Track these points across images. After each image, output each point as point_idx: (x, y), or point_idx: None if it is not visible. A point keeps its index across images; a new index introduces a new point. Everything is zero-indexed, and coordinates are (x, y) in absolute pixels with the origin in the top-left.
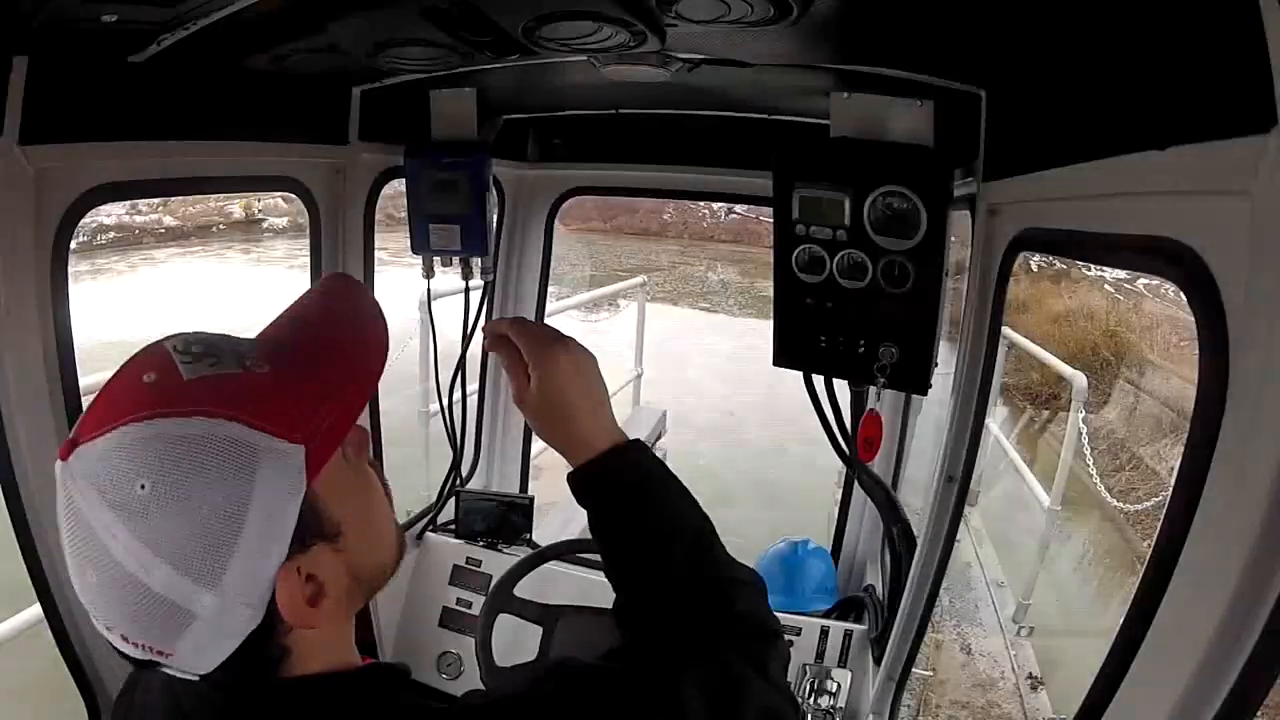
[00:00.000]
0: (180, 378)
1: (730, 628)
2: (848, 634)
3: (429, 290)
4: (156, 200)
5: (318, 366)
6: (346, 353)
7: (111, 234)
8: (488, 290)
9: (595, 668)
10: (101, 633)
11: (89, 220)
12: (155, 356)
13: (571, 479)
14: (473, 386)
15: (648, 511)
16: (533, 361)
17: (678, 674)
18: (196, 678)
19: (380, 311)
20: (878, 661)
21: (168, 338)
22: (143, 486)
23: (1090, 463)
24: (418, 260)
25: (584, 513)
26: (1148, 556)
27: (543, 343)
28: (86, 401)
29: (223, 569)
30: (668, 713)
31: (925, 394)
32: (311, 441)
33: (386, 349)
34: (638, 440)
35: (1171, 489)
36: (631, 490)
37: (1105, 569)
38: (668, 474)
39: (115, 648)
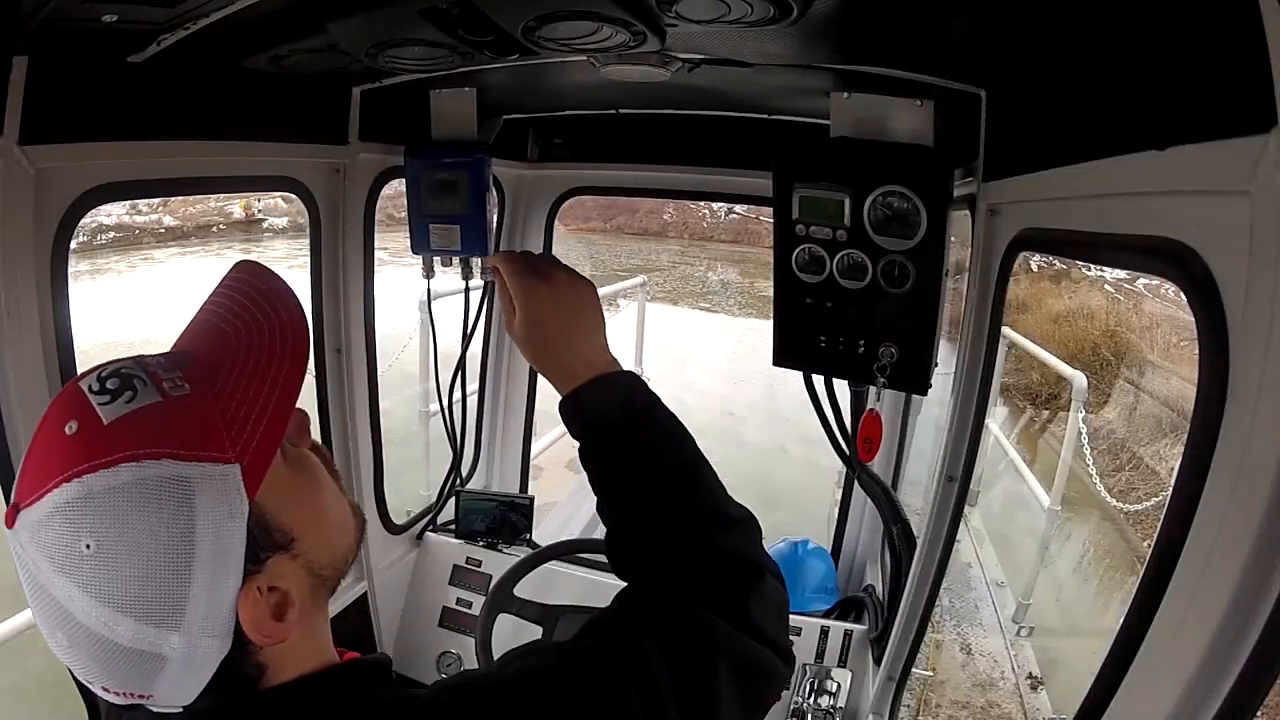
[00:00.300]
0: (100, 422)
1: (709, 565)
2: (848, 634)
3: (429, 290)
4: (156, 200)
5: (237, 369)
6: (264, 344)
7: (111, 234)
8: (488, 290)
9: (561, 645)
10: (85, 683)
11: (89, 220)
12: (73, 401)
13: (560, 409)
14: (473, 386)
15: (628, 441)
16: (514, 294)
17: (641, 640)
18: (180, 710)
19: (290, 290)
20: (878, 661)
21: (82, 376)
22: (87, 547)
23: (1090, 463)
24: (418, 260)
25: (584, 512)
26: (1148, 556)
27: (523, 275)
28: None
29: (182, 609)
30: (635, 682)
31: (925, 394)
32: (246, 454)
33: (305, 328)
34: (626, 372)
35: (1171, 489)
36: (611, 420)
37: (1105, 569)
38: (654, 404)
39: (100, 696)
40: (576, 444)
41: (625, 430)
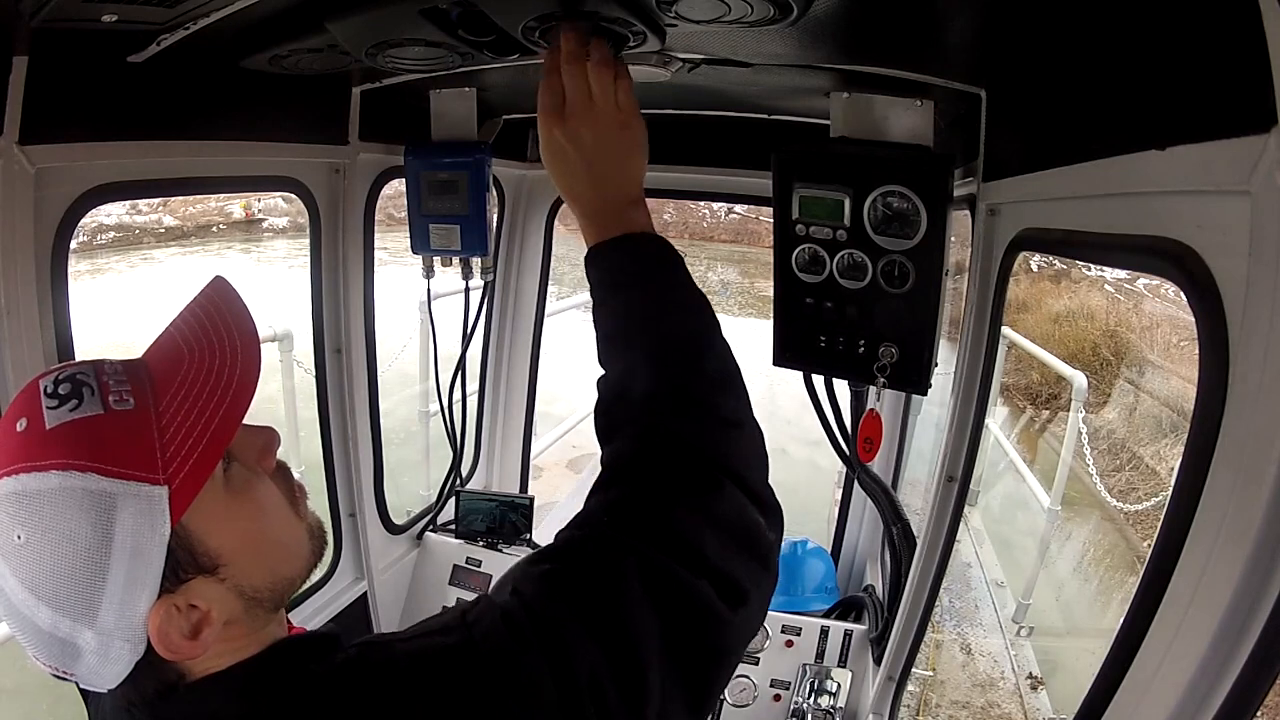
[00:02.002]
0: (43, 426)
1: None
2: (848, 634)
3: (429, 290)
4: (156, 200)
5: (184, 392)
6: (215, 371)
7: (111, 234)
8: (488, 290)
9: (467, 618)
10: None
11: (89, 220)
12: (29, 399)
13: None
14: (473, 386)
15: (615, 308)
16: (538, 114)
17: (560, 615)
18: (105, 691)
19: (250, 319)
20: (878, 661)
21: (45, 374)
22: (19, 537)
23: (1090, 463)
24: (418, 260)
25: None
26: (1148, 556)
27: (541, 110)
28: None
29: (95, 610)
30: (549, 666)
31: (925, 394)
32: (176, 478)
33: (257, 361)
34: (638, 239)
35: (1171, 489)
36: (607, 291)
37: (1105, 569)
38: (646, 277)
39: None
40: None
41: (610, 300)
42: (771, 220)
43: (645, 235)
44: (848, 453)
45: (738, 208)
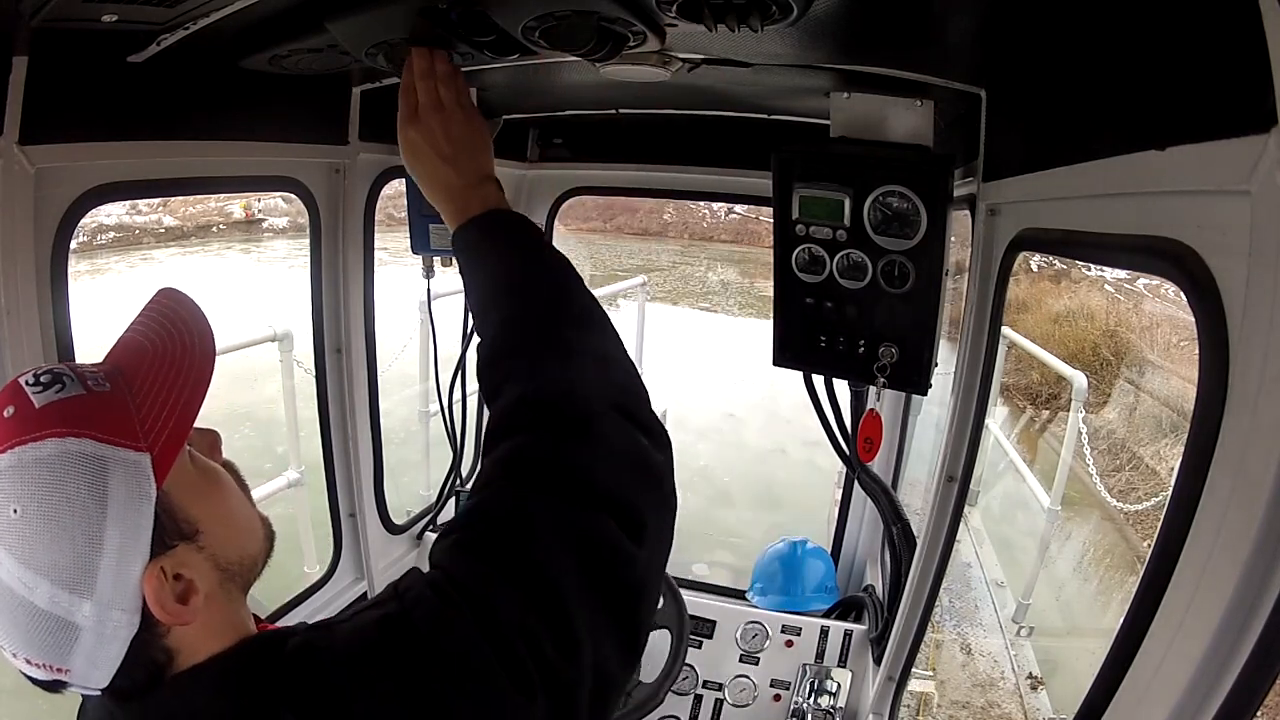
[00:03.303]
0: (32, 406)
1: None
2: (848, 634)
3: (429, 290)
4: (156, 200)
5: (152, 376)
6: (176, 358)
7: (111, 234)
8: None
9: (399, 590)
10: (10, 661)
11: (89, 220)
12: (12, 393)
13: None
14: (473, 386)
15: (481, 277)
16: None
17: (479, 567)
18: (99, 692)
19: (205, 320)
20: (878, 661)
21: (21, 374)
22: (15, 511)
23: (1090, 463)
24: (418, 260)
25: None
26: (1148, 556)
27: (400, 118)
28: None
29: (94, 577)
30: (475, 616)
31: (925, 394)
32: (156, 446)
33: (213, 355)
34: (481, 216)
35: (1171, 489)
36: (474, 262)
37: (1105, 569)
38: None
39: (25, 674)
40: None
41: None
42: (771, 220)
43: (503, 210)
44: (848, 453)
45: (738, 208)
